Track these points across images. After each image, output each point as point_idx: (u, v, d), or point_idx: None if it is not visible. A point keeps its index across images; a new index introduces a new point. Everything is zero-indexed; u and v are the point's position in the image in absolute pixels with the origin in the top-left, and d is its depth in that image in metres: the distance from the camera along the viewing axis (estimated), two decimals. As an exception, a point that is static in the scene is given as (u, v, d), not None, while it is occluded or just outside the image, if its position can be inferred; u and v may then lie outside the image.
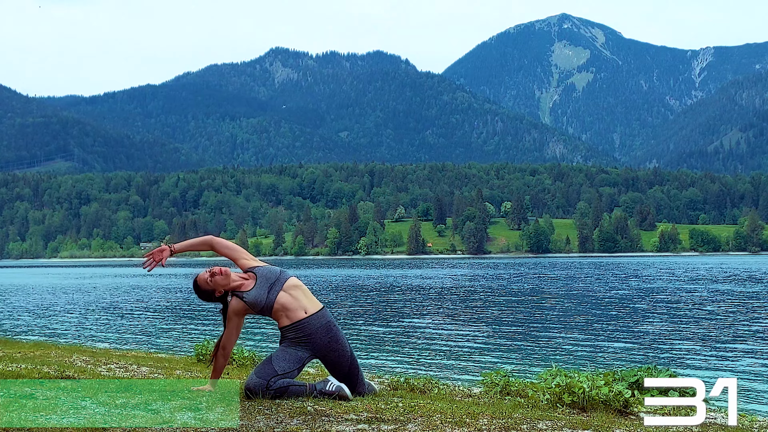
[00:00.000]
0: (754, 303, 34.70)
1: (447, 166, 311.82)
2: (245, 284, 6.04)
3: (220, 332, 6.37)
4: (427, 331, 24.05)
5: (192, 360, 10.94)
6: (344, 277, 72.33)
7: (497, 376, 7.37)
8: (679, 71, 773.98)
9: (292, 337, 5.99)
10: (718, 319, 27.30)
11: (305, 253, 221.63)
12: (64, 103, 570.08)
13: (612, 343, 20.75)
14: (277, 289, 5.98)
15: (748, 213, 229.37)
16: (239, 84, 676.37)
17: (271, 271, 6.07)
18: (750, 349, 19.21)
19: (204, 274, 6.04)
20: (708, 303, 34.69)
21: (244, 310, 6.01)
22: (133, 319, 30.28)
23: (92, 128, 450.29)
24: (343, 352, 6.08)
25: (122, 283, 66.54)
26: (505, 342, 21.15)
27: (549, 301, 37.59)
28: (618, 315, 29.57)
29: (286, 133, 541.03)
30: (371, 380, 7.31)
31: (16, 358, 9.74)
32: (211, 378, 6.23)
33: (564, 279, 62.65)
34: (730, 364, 16.73)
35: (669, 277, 62.65)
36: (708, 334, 22.43)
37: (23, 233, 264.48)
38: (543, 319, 28.28)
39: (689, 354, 18.48)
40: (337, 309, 34.02)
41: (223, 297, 6.08)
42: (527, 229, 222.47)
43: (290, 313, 5.97)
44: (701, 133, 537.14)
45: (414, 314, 30.88)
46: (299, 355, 5.98)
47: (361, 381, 6.20)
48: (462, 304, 36.12)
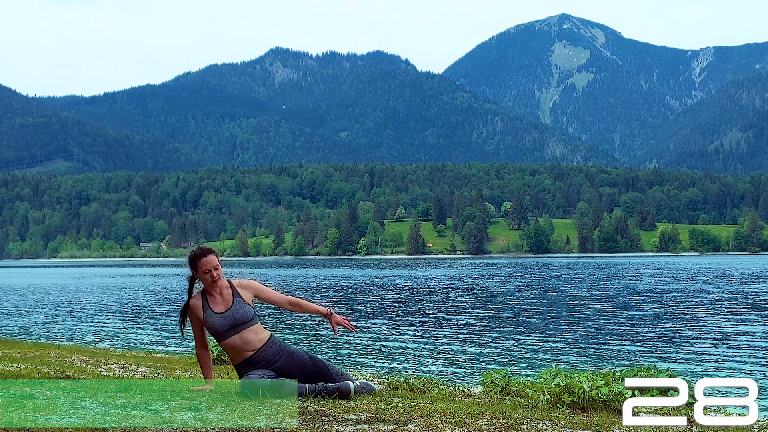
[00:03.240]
0: (754, 303, 34.70)
1: (447, 166, 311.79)
2: (218, 299, 6.27)
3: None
4: (427, 331, 24.04)
5: (192, 360, 10.95)
6: (344, 277, 72.31)
7: (497, 376, 7.37)
8: (679, 71, 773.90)
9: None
10: (718, 319, 27.29)
11: (305, 253, 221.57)
12: (64, 103, 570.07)
13: (612, 343, 20.75)
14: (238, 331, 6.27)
15: (748, 213, 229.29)
16: (239, 84, 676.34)
17: (246, 312, 6.29)
18: (759, 347, 19.21)
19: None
20: (708, 303, 34.69)
21: (199, 319, 6.27)
22: (133, 320, 30.27)
23: (92, 128, 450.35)
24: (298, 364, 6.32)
25: (122, 283, 66.52)
26: (505, 342, 21.14)
27: (549, 301, 37.58)
28: (618, 315, 29.56)
29: (286, 133, 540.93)
30: (371, 380, 7.31)
31: (16, 358, 9.74)
32: (205, 378, 6.37)
33: (564, 279, 62.64)
34: (731, 365, 16.72)
35: (669, 278, 62.63)
36: (708, 334, 22.42)
37: (23, 233, 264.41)
38: (543, 319, 28.27)
39: (689, 354, 18.48)
40: (338, 309, 33.99)
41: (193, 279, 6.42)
42: (527, 229, 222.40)
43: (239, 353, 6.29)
44: (701, 133, 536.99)
45: (414, 314, 30.88)
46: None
47: (338, 373, 6.35)
48: (462, 304, 36.12)
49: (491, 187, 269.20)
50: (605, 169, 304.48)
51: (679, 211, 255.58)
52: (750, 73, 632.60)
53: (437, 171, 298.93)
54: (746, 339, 21.23)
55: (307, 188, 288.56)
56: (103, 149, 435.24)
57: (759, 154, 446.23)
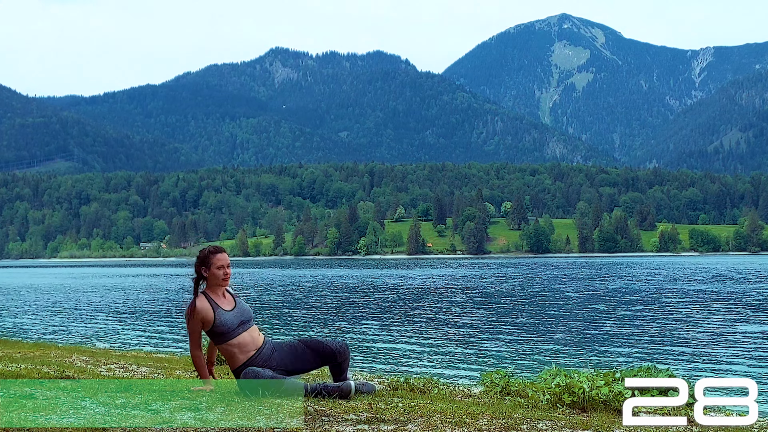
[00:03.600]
0: (754, 302, 34.70)
1: (447, 166, 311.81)
2: (222, 299, 6.28)
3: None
4: (427, 331, 24.04)
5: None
6: (344, 278, 72.30)
7: (497, 376, 7.36)
8: (679, 71, 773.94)
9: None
10: (718, 319, 27.29)
11: (305, 253, 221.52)
12: (64, 103, 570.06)
13: (612, 343, 20.75)
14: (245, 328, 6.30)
15: (748, 213, 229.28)
16: (239, 84, 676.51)
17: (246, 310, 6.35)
18: (757, 347, 19.21)
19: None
20: (708, 303, 34.68)
21: (206, 320, 6.20)
22: (133, 320, 30.27)
23: (92, 128, 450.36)
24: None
25: (122, 283, 66.53)
26: (505, 342, 21.14)
27: (549, 301, 37.58)
28: (618, 315, 29.55)
29: (286, 133, 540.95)
30: (371, 380, 7.31)
31: (16, 358, 9.73)
32: (202, 378, 6.32)
33: (564, 279, 62.63)
34: (731, 365, 16.71)
35: (668, 278, 62.63)
36: (708, 334, 22.41)
37: (23, 233, 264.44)
38: (543, 319, 28.27)
39: (689, 354, 18.47)
40: (338, 309, 34.02)
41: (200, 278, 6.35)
42: (527, 229, 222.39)
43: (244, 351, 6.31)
44: (701, 133, 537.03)
45: (414, 314, 30.87)
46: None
47: (334, 342, 6.54)
48: (462, 304, 36.11)
49: (491, 187, 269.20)
50: (605, 169, 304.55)
51: (679, 211, 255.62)
52: (750, 73, 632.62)
53: (437, 171, 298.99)
54: (746, 339, 21.22)
55: (307, 188, 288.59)
56: (103, 149, 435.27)
57: (759, 154, 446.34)
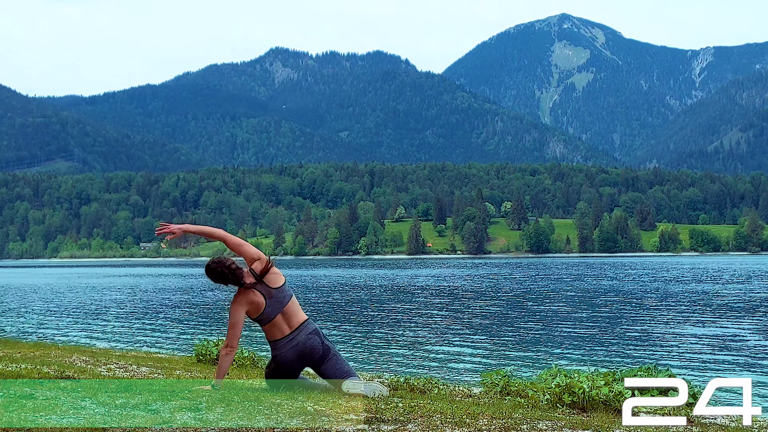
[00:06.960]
0: (754, 303, 34.70)
1: (447, 166, 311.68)
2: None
3: (219, 332, 6.42)
4: (428, 331, 24.04)
5: (192, 360, 10.94)
6: (344, 278, 72.31)
7: (497, 376, 7.37)
8: (679, 71, 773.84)
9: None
10: (718, 319, 27.29)
11: (305, 253, 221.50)
12: (64, 103, 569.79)
13: (612, 343, 20.75)
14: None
15: (748, 213, 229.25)
16: (239, 84, 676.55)
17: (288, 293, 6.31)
18: (756, 346, 19.21)
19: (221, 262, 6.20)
20: (708, 303, 34.69)
21: (255, 306, 6.11)
22: (133, 319, 30.27)
23: (92, 128, 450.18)
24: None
25: (122, 283, 66.53)
26: (505, 342, 21.14)
27: (549, 301, 37.57)
28: (618, 315, 29.56)
29: (286, 133, 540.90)
30: (371, 380, 7.31)
31: (16, 358, 9.74)
32: (216, 378, 6.24)
33: (564, 279, 62.64)
34: (731, 365, 16.72)
35: (668, 278, 62.63)
36: (708, 334, 22.41)
37: (23, 233, 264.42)
38: (543, 319, 28.27)
39: (689, 354, 18.47)
40: (338, 309, 34.02)
41: (238, 281, 6.18)
42: (527, 229, 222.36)
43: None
44: (701, 133, 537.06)
45: (414, 314, 30.87)
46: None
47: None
48: (462, 304, 36.11)
49: (491, 187, 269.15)
50: (605, 169, 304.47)
51: (679, 211, 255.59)
52: (750, 73, 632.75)
53: (437, 171, 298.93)
54: (745, 339, 21.23)
55: (307, 188, 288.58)
56: (104, 149, 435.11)
57: (759, 154, 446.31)
